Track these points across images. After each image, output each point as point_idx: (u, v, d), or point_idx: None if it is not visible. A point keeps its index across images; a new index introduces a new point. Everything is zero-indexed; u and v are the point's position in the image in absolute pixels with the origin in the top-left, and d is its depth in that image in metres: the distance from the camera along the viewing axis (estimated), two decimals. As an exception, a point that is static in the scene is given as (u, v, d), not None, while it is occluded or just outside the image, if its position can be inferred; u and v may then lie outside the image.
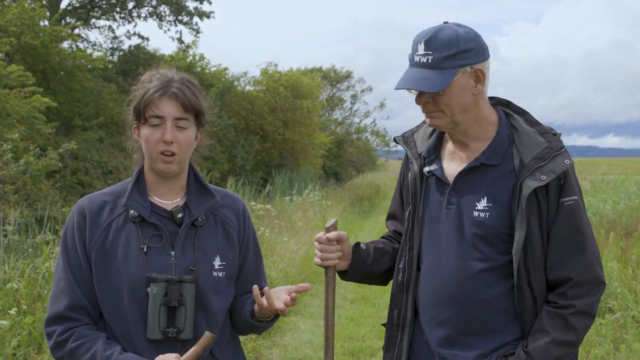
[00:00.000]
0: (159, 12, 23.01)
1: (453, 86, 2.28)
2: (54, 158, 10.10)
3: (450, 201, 2.40)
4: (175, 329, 2.23)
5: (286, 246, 10.36)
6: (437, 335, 2.43)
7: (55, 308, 2.23)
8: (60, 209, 10.10)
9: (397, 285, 2.57)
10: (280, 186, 18.60)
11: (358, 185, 27.01)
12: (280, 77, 23.17)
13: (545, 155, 2.28)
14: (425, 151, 2.54)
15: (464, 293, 2.35)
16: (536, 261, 2.28)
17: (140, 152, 2.37)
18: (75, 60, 14.85)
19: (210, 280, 2.32)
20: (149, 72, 2.36)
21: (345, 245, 2.58)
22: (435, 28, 2.32)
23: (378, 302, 8.69)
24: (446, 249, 2.40)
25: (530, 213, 2.26)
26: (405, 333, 2.55)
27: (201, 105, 2.31)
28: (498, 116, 2.43)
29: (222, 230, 2.40)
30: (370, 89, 43.58)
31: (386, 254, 2.67)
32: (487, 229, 2.32)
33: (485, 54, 2.33)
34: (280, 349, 6.71)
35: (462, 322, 2.37)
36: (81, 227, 2.26)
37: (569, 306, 2.25)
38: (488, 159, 2.36)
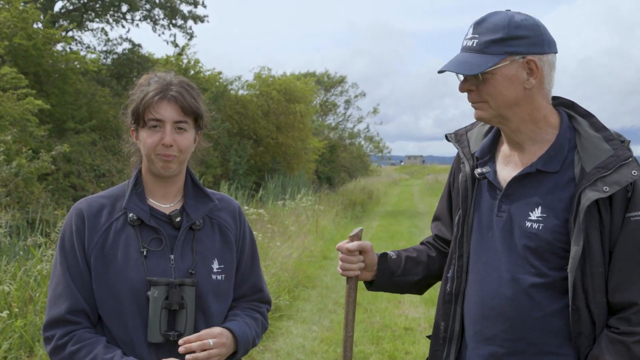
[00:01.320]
0: (152, 15, 22.99)
1: (498, 74, 2.10)
2: (46, 161, 10.07)
3: (501, 208, 2.22)
4: (176, 332, 2.24)
5: (279, 251, 10.35)
6: (482, 352, 2.25)
7: (54, 312, 2.21)
8: (52, 212, 10.06)
9: (444, 296, 2.39)
10: (273, 191, 18.58)
11: (351, 191, 27.01)
12: (273, 81, 23.17)
13: (610, 165, 2.06)
14: (478, 151, 2.36)
15: (512, 309, 2.16)
16: (596, 281, 2.06)
17: (137, 155, 2.37)
18: (69, 63, 14.81)
19: (210, 284, 2.32)
20: (146, 74, 2.36)
21: (369, 257, 2.45)
22: (491, 12, 2.16)
23: (370, 308, 8.68)
24: (495, 259, 2.22)
25: (590, 227, 2.05)
26: (452, 347, 2.38)
27: (200, 109, 2.31)
28: (560, 118, 2.23)
29: (220, 233, 2.41)
30: (363, 94, 43.67)
31: (419, 264, 2.52)
32: (540, 242, 2.11)
33: (544, 46, 2.12)
34: (272, 353, 6.69)
35: (509, 340, 2.17)
36: (80, 230, 2.25)
37: (633, 333, 2.03)
38: (545, 165, 2.16)
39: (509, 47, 2.09)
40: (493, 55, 2.10)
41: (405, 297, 9.16)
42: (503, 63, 2.10)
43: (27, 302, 5.78)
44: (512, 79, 2.11)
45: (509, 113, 2.16)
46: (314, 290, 9.79)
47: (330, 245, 13.91)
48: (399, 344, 7.09)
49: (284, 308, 8.27)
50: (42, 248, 7.07)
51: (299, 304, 8.83)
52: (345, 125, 43.77)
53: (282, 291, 8.72)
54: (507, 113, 2.16)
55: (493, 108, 2.16)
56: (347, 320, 2.48)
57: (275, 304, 8.03)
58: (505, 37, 2.09)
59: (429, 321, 7.98)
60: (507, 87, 2.12)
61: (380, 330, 7.64)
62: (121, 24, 22.79)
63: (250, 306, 2.51)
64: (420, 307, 8.76)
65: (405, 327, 7.80)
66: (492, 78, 2.11)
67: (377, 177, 48.54)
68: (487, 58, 2.10)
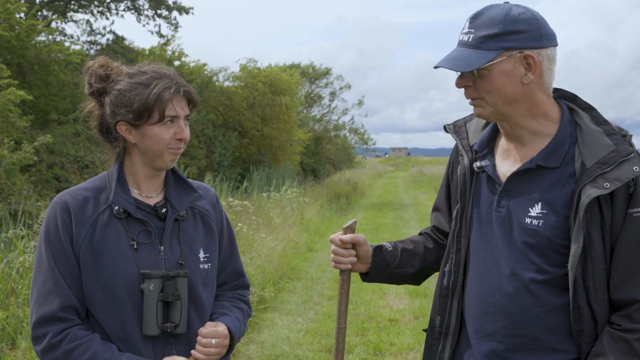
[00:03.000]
0: (137, 6, 22.83)
1: (495, 70, 2.05)
2: (29, 152, 9.97)
3: (501, 203, 2.18)
4: (172, 323, 2.24)
5: (264, 242, 10.33)
6: (482, 348, 2.23)
7: (45, 309, 2.16)
8: (35, 204, 9.97)
9: (441, 290, 2.37)
10: (258, 182, 18.55)
11: (336, 183, 27.02)
12: (259, 73, 23.10)
13: (611, 160, 2.02)
14: (477, 144, 2.32)
15: (513, 305, 2.14)
16: (597, 278, 2.04)
17: (119, 149, 2.32)
18: (52, 54, 14.67)
19: (198, 273, 2.34)
20: (128, 67, 2.32)
21: (362, 249, 2.44)
22: (487, 5, 2.11)
23: (355, 299, 8.69)
24: (495, 255, 2.19)
25: (591, 224, 2.02)
26: (447, 342, 2.36)
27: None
28: (561, 112, 2.18)
29: (202, 222, 2.42)
30: (349, 86, 43.67)
31: (415, 256, 2.51)
32: (540, 239, 2.09)
33: (542, 40, 2.06)
34: (257, 345, 6.69)
35: (510, 336, 2.16)
36: (67, 224, 2.20)
37: (635, 330, 2.01)
38: (545, 161, 2.12)
39: (506, 42, 2.04)
40: (489, 50, 2.05)
41: (390, 289, 9.19)
42: (499, 59, 2.05)
43: (9, 294, 5.74)
44: (510, 75, 2.06)
45: (507, 109, 2.12)
46: (299, 282, 9.79)
47: (315, 237, 13.92)
48: (384, 335, 7.10)
49: (269, 300, 8.27)
50: (24, 240, 7.01)
51: (283, 296, 8.82)
52: (330, 117, 43.79)
53: (267, 283, 8.71)
54: (506, 109, 2.12)
55: (491, 104, 2.12)
56: (339, 312, 2.48)
57: (260, 296, 8.02)
58: (501, 32, 2.04)
59: (414, 312, 8.01)
60: (505, 83, 2.07)
61: (365, 322, 7.65)
62: (105, 16, 22.61)
63: (234, 295, 2.53)
64: (405, 299, 8.78)
65: (390, 318, 7.81)
66: (488, 74, 2.07)
67: (362, 169, 48.59)
68: (482, 54, 2.05)
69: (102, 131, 2.33)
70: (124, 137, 2.27)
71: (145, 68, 2.29)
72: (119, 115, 2.23)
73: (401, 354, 6.51)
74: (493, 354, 2.20)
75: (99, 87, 2.27)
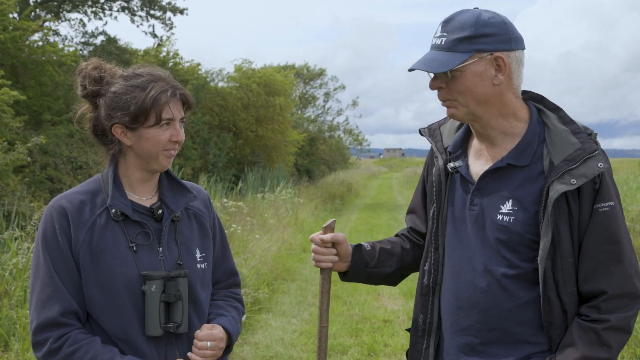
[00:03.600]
0: (130, 7, 22.79)
1: (467, 72, 2.14)
2: (22, 152, 9.95)
3: (474, 202, 2.26)
4: (175, 323, 2.26)
5: (258, 243, 10.33)
6: (457, 343, 2.30)
7: (46, 315, 2.15)
8: (29, 205, 9.95)
9: (422, 288, 2.43)
10: (252, 183, 18.55)
11: (330, 183, 27.03)
12: (253, 73, 23.10)
13: (577, 158, 2.11)
14: (451, 146, 2.39)
15: (486, 300, 2.21)
16: (566, 271, 2.12)
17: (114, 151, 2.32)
18: (45, 55, 14.64)
19: (196, 273, 2.36)
20: (122, 69, 2.32)
21: (342, 248, 2.50)
22: (458, 11, 2.21)
23: (349, 300, 8.70)
24: (469, 252, 2.27)
25: (560, 219, 2.10)
26: (431, 339, 2.41)
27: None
28: (529, 112, 2.26)
29: (197, 222, 2.44)
30: (343, 87, 43.70)
31: (393, 256, 2.57)
32: (511, 235, 2.16)
33: (511, 43, 2.16)
34: (251, 346, 6.68)
35: (484, 330, 2.23)
36: (64, 229, 2.19)
37: (603, 320, 2.08)
38: (515, 160, 2.20)
39: (477, 44, 2.13)
40: (461, 53, 2.13)
41: (384, 290, 9.19)
42: (471, 60, 2.13)
43: (2, 295, 5.71)
44: (481, 76, 2.15)
45: (479, 110, 2.19)
46: (293, 283, 9.78)
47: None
48: (377, 336, 7.11)
49: (263, 301, 8.26)
50: (18, 241, 6.98)
51: (278, 297, 8.82)
52: (325, 118, 43.81)
53: (262, 284, 8.71)
54: (478, 110, 2.19)
55: (463, 105, 2.19)
56: (321, 310, 2.52)
57: (254, 297, 8.02)
58: (472, 35, 2.12)
59: (408, 313, 8.01)
60: (477, 84, 2.15)
61: (359, 323, 7.65)
62: (99, 16, 22.56)
63: (228, 294, 2.56)
64: (399, 300, 8.79)
65: (384, 319, 7.82)
66: (461, 76, 2.15)
67: (357, 169, 48.62)
68: (455, 56, 2.13)
69: (96, 133, 2.32)
70: (119, 139, 2.27)
71: (140, 71, 2.28)
72: (115, 118, 2.23)
73: (395, 354, 6.52)
74: (468, 348, 2.27)
75: (93, 90, 2.26)
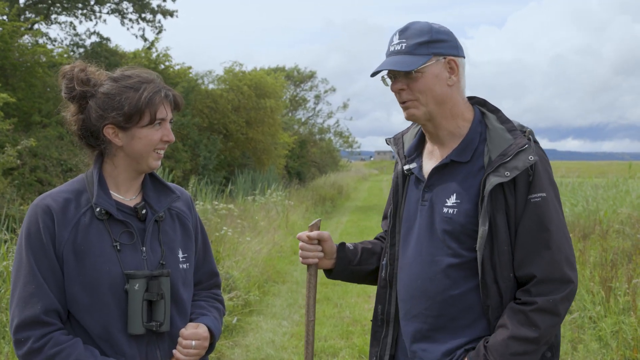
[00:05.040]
0: (121, 9, 22.73)
1: (427, 73, 2.35)
2: (12, 155, 9.92)
3: (424, 197, 2.45)
4: (157, 322, 2.29)
5: (249, 246, 10.32)
6: (410, 329, 2.47)
7: (28, 313, 2.16)
8: (18, 207, 9.91)
9: (380, 281, 2.63)
10: (242, 186, 18.53)
11: (321, 186, 27.03)
12: (244, 76, 23.09)
13: (509, 152, 2.29)
14: (407, 150, 2.61)
15: (433, 288, 2.38)
16: (502, 258, 2.29)
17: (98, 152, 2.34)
18: (35, 57, 14.59)
19: (178, 273, 2.40)
20: (109, 73, 2.35)
21: (327, 245, 2.68)
22: (411, 22, 2.43)
23: (340, 303, 8.71)
24: (419, 244, 2.44)
25: (497, 210, 2.27)
26: (390, 328, 2.60)
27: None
28: (474, 114, 2.47)
29: (179, 223, 2.48)
30: (333, 90, 43.73)
31: (374, 254, 2.74)
32: (455, 225, 2.34)
33: (459, 50, 2.41)
34: (242, 348, 6.68)
35: (432, 317, 2.40)
36: (49, 227, 2.20)
37: (531, 302, 2.25)
38: (458, 156, 2.39)
39: (434, 48, 2.36)
40: (421, 55, 2.35)
41: (374, 292, 9.19)
42: (430, 62, 2.35)
43: (-8, 298, 5.69)
44: (439, 77, 2.37)
45: (436, 109, 2.40)
46: (284, 286, 9.79)
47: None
48: (368, 338, 7.11)
49: (254, 303, 8.26)
50: (7, 244, 6.96)
51: (268, 299, 8.82)
52: (315, 121, 43.83)
53: (252, 286, 8.71)
54: (435, 109, 2.40)
55: (423, 104, 2.39)
56: (308, 305, 2.72)
57: (245, 300, 8.01)
58: (430, 40, 2.36)
59: (399, 316, 8.02)
60: (435, 84, 2.37)
61: (350, 325, 7.67)
62: (89, 18, 22.48)
63: (210, 295, 2.61)
64: (389, 302, 8.79)
65: (374, 321, 7.81)
66: (422, 76, 2.35)
67: (347, 172, 48.63)
68: (416, 58, 2.35)
69: (82, 135, 2.34)
70: (110, 140, 2.29)
71: (129, 72, 2.32)
72: (107, 118, 2.26)
73: (386, 357, 6.53)
74: (418, 334, 2.44)
75: (82, 91, 2.28)
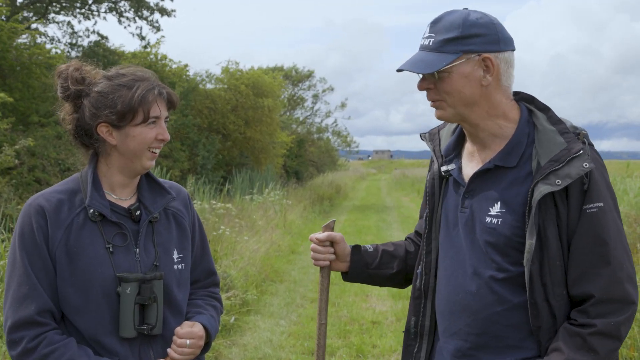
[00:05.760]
0: (118, 7, 22.71)
1: (454, 73, 2.13)
2: (9, 155, 9.91)
3: (464, 204, 2.24)
4: (149, 325, 2.26)
5: (246, 245, 10.32)
6: (450, 347, 2.28)
7: (22, 313, 2.16)
8: (16, 207, 9.90)
9: (414, 292, 2.43)
10: (240, 185, 18.52)
11: (319, 185, 27.04)
12: (241, 75, 23.07)
13: (562, 158, 2.07)
14: (444, 149, 2.39)
15: (475, 303, 2.18)
16: (554, 274, 2.07)
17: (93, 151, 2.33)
18: (33, 57, 14.57)
19: (173, 274, 2.36)
20: (104, 71, 2.32)
21: (340, 247, 2.54)
22: (447, 11, 2.20)
23: (338, 302, 8.71)
24: (460, 255, 2.24)
25: (547, 221, 2.06)
26: (424, 342, 2.41)
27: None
28: (520, 113, 2.23)
29: (175, 223, 2.44)
30: (332, 89, 43.71)
31: (395, 258, 2.58)
32: (499, 237, 2.13)
33: (500, 44, 2.14)
34: (239, 348, 6.68)
35: (473, 335, 2.20)
36: (42, 227, 2.20)
37: (590, 325, 2.03)
38: (503, 161, 2.17)
39: (464, 45, 2.11)
40: (449, 53, 2.12)
41: (372, 291, 9.21)
42: (459, 61, 2.12)
43: (-11, 298, 5.68)
44: (469, 77, 2.13)
45: (467, 111, 2.18)
46: (282, 285, 9.79)
47: (298, 240, 13.92)
48: (366, 337, 7.12)
49: (252, 303, 8.26)
50: (5, 243, 6.96)
51: (266, 299, 8.82)
52: (313, 120, 43.83)
53: (250, 286, 8.71)
54: (466, 111, 2.18)
55: (451, 106, 2.18)
56: (320, 308, 2.58)
57: (243, 299, 8.01)
58: (460, 35, 2.11)
59: (396, 315, 8.04)
60: (464, 85, 2.13)
61: (348, 324, 7.67)
62: (87, 17, 22.45)
63: (207, 293, 2.57)
64: (387, 301, 8.81)
65: (372, 320, 7.84)
66: (448, 76, 2.13)
67: (345, 171, 48.65)
68: (442, 57, 2.12)
69: (77, 134, 2.32)
70: (105, 139, 2.27)
71: (123, 71, 2.30)
72: (100, 116, 2.24)
73: (384, 356, 6.54)
74: (459, 353, 2.24)
75: (76, 90, 2.27)
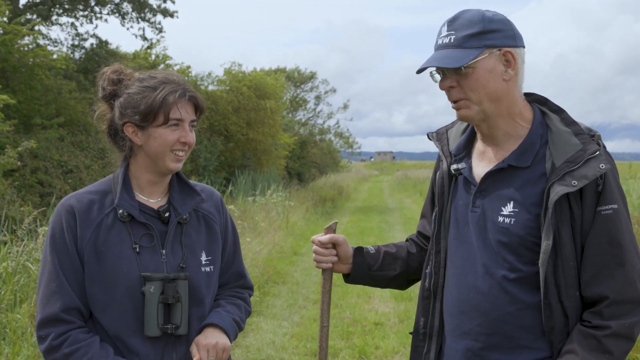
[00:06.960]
0: (121, 9, 22.74)
1: (479, 68, 2.12)
2: (12, 157, 9.92)
3: (475, 203, 2.24)
4: (173, 325, 2.29)
5: (249, 247, 10.33)
6: (459, 347, 2.26)
7: (48, 310, 2.22)
8: (19, 209, 9.91)
9: (423, 292, 2.42)
10: (243, 186, 18.54)
11: (321, 187, 27.04)
12: (243, 77, 23.09)
13: (578, 159, 2.07)
14: (455, 148, 2.38)
15: (487, 303, 2.17)
16: (568, 275, 2.07)
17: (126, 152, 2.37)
18: (36, 59, 14.58)
19: (200, 276, 2.39)
20: (140, 73, 2.38)
21: (342, 249, 2.54)
22: (462, 10, 2.20)
23: (340, 303, 8.71)
24: (471, 254, 2.23)
25: (562, 222, 2.06)
26: (432, 343, 2.39)
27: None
28: (533, 114, 2.24)
29: (205, 225, 2.47)
30: (334, 90, 43.77)
31: (397, 259, 2.58)
32: (512, 237, 2.13)
33: (516, 39, 2.16)
34: (242, 349, 6.68)
35: (485, 335, 2.19)
36: (72, 227, 2.26)
37: (604, 327, 2.03)
38: (517, 161, 2.17)
39: (486, 40, 2.12)
40: (472, 49, 2.12)
41: (375, 293, 9.20)
42: (482, 56, 2.12)
43: (-8, 299, 5.69)
44: (492, 72, 2.13)
45: (492, 108, 2.17)
46: (284, 286, 9.79)
47: (301, 241, 13.91)
48: (369, 339, 7.12)
49: (254, 304, 8.25)
50: (7, 245, 6.96)
51: (269, 300, 8.82)
52: (316, 121, 43.87)
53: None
54: (490, 108, 2.17)
55: (476, 103, 2.16)
56: (322, 310, 2.58)
57: (246, 300, 8.00)
58: (482, 30, 2.12)
59: (399, 316, 8.03)
60: (489, 80, 2.13)
61: (351, 326, 7.67)
62: (90, 19, 22.47)
63: (232, 293, 2.59)
64: (390, 302, 8.81)
65: (375, 322, 7.83)
66: (473, 72, 2.13)
67: (347, 173, 48.63)
68: (466, 52, 2.11)
69: (110, 134, 2.40)
70: (131, 138, 2.33)
71: (156, 74, 2.36)
72: (126, 116, 2.30)
73: (386, 357, 6.53)
74: (469, 352, 2.23)
75: (111, 90, 2.35)
